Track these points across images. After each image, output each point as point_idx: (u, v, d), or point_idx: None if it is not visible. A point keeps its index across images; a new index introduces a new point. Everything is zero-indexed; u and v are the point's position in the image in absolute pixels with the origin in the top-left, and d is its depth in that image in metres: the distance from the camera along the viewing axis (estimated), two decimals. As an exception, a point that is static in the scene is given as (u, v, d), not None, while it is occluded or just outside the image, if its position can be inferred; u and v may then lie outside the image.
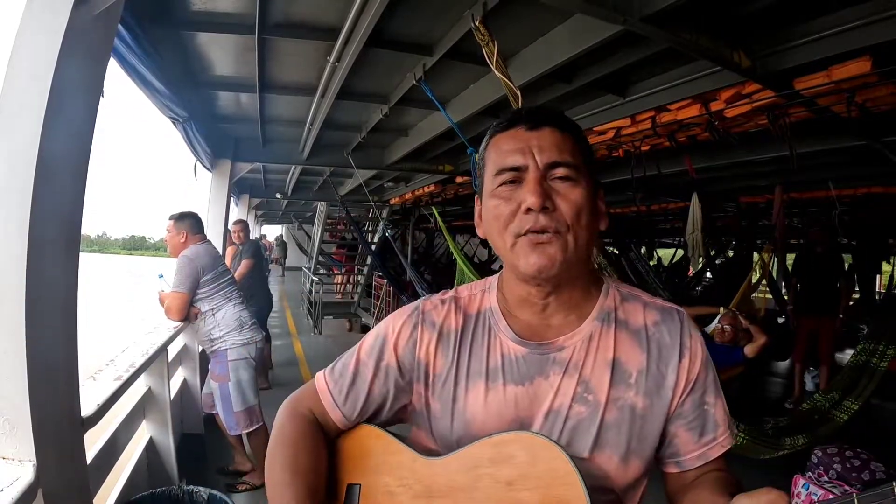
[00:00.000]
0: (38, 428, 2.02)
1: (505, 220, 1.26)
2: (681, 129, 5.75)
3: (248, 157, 8.61)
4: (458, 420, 1.34)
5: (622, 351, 1.33)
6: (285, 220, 31.49)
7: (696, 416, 1.33)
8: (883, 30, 3.34)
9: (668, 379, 1.32)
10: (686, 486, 1.34)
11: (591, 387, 1.30)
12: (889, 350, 5.90)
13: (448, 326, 1.43)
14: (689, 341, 1.35)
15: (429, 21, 4.18)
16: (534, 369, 1.33)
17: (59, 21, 1.97)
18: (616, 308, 1.39)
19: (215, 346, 5.03)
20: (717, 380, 1.38)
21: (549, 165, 1.26)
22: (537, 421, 1.30)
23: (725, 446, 1.35)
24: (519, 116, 1.33)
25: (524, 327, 1.38)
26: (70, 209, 2.28)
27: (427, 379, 1.41)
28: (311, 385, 1.52)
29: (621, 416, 1.29)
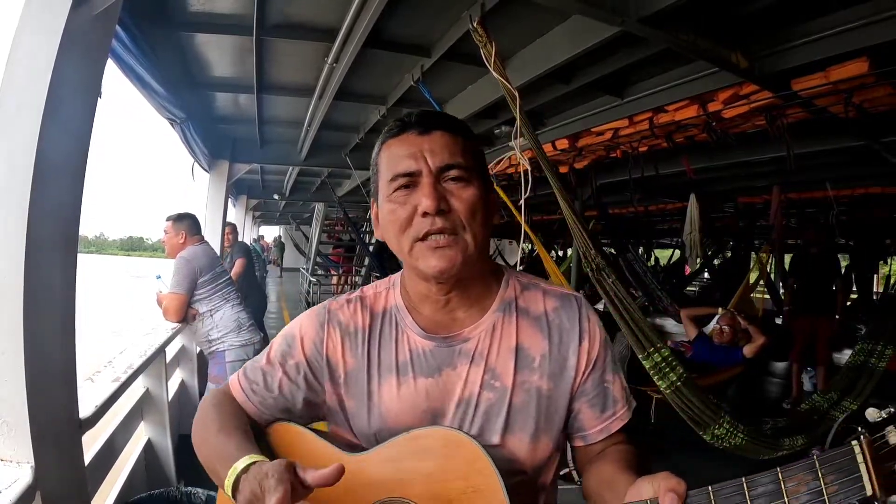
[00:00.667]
0: (37, 429, 2.01)
1: (402, 225, 1.30)
2: (678, 129, 5.76)
3: (245, 158, 8.62)
4: (374, 415, 1.39)
5: (524, 337, 1.41)
6: (283, 221, 31.48)
7: (596, 393, 1.42)
8: (880, 31, 3.35)
9: (569, 361, 1.40)
10: (593, 459, 1.43)
11: (497, 374, 1.37)
12: (888, 350, 5.90)
13: (355, 325, 1.47)
14: (587, 325, 1.43)
15: (427, 22, 4.19)
16: (442, 361, 1.39)
17: (58, 21, 1.96)
18: (517, 297, 1.46)
19: (213, 348, 5.03)
20: (614, 359, 1.48)
21: (442, 168, 1.30)
22: (449, 410, 1.37)
23: (624, 420, 1.44)
24: (409, 122, 1.36)
25: (429, 322, 1.43)
26: (68, 210, 2.27)
27: (337, 377, 1.45)
28: (226, 386, 1.55)
29: (528, 399, 1.37)
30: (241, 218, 16.18)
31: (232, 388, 1.51)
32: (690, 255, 8.38)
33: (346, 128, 7.55)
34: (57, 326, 2.24)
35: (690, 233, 7.86)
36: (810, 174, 7.76)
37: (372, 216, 1.48)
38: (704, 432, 4.47)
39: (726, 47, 3.78)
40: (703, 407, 4.42)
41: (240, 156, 8.49)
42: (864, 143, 5.18)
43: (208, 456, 1.34)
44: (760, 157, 6.43)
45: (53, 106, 1.98)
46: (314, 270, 17.67)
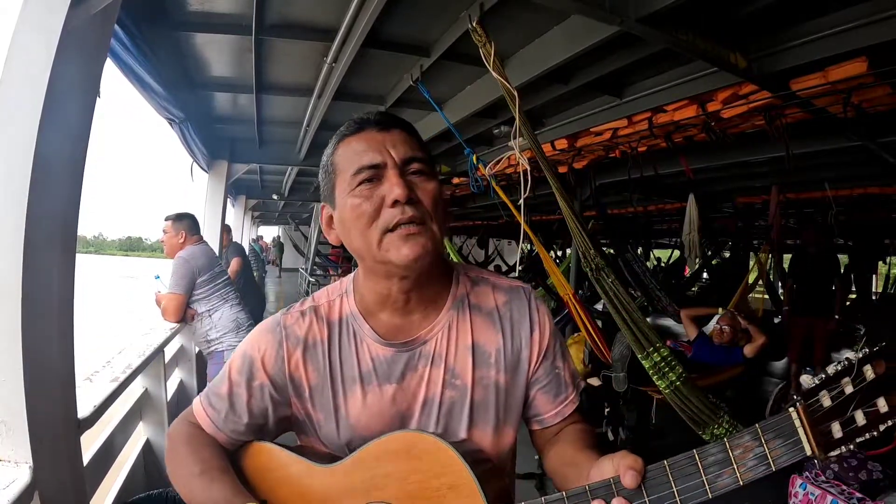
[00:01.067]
0: (35, 430, 2.01)
1: (369, 218, 1.30)
2: (677, 129, 5.76)
3: (244, 158, 8.62)
4: (342, 425, 1.42)
5: (479, 334, 1.45)
6: (282, 221, 31.47)
7: (549, 380, 1.49)
8: (879, 31, 3.35)
9: (523, 353, 1.47)
10: (550, 440, 1.51)
11: (456, 373, 1.42)
12: (886, 350, 5.90)
13: (313, 338, 1.47)
14: (537, 315, 1.49)
15: (426, 22, 4.18)
16: (403, 366, 1.42)
17: (56, 21, 1.96)
18: (468, 294, 1.50)
19: (212, 348, 5.03)
20: (563, 345, 1.54)
21: (406, 160, 1.33)
22: (415, 412, 1.41)
23: (576, 402, 1.52)
24: (368, 120, 1.38)
25: (387, 328, 1.45)
26: (66, 210, 2.27)
27: (302, 391, 1.46)
28: (189, 412, 1.55)
29: (487, 394, 1.43)
30: (240, 218, 16.17)
31: (199, 420, 1.50)
32: (689, 256, 8.38)
33: (345, 127, 7.50)
34: (55, 326, 2.24)
35: (689, 233, 7.86)
36: (809, 174, 7.76)
37: (322, 222, 1.49)
38: (704, 432, 4.47)
39: (725, 47, 3.78)
40: (703, 407, 4.43)
41: (239, 156, 8.49)
42: (862, 144, 5.18)
43: (192, 494, 1.35)
44: (759, 158, 6.43)
45: (51, 105, 1.98)
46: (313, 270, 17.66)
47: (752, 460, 1.04)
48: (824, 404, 1.01)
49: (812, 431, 1.01)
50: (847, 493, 4.11)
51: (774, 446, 1.03)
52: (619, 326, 4.31)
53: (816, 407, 1.02)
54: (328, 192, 1.42)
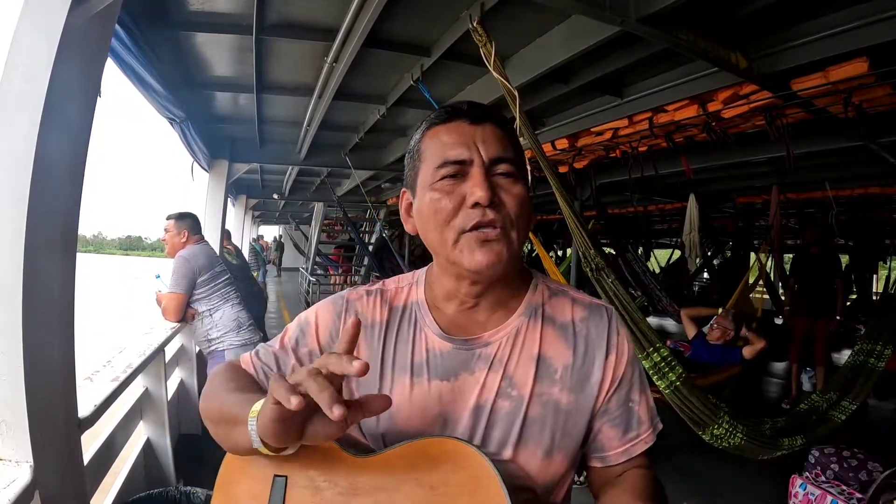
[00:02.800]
0: (35, 429, 2.01)
1: (447, 215, 1.23)
2: (678, 129, 5.76)
3: (245, 158, 8.61)
4: (383, 414, 1.25)
5: (548, 346, 1.33)
6: (283, 220, 31.46)
7: (620, 413, 1.34)
8: (880, 31, 3.35)
9: (593, 375, 1.32)
10: (608, 483, 1.35)
11: (515, 382, 1.29)
12: (886, 350, 5.90)
13: (373, 318, 1.41)
14: (615, 338, 1.35)
15: (426, 22, 4.19)
16: (459, 365, 1.32)
17: (56, 21, 1.96)
18: (544, 303, 1.39)
19: (213, 347, 5.02)
20: (643, 377, 1.39)
21: (494, 160, 1.24)
22: (462, 416, 1.29)
23: (648, 443, 1.37)
24: (461, 110, 1.31)
25: (450, 322, 1.37)
26: (67, 209, 2.27)
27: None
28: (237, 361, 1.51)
29: (545, 412, 1.29)
30: (241, 217, 16.18)
31: (244, 366, 1.47)
32: (690, 256, 8.38)
33: (345, 127, 7.56)
34: (56, 326, 2.24)
35: (690, 233, 7.86)
36: (809, 174, 7.78)
37: (401, 208, 1.41)
38: (703, 432, 4.47)
39: (726, 47, 3.78)
40: (702, 407, 4.43)
41: (239, 155, 8.49)
42: (862, 144, 5.18)
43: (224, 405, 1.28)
44: (760, 157, 6.44)
45: (52, 105, 1.98)
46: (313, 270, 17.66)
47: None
48: None
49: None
50: (847, 494, 4.11)
51: None
52: (620, 326, 4.30)
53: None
54: (411, 179, 1.35)
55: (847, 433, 5.58)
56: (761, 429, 5.03)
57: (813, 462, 4.62)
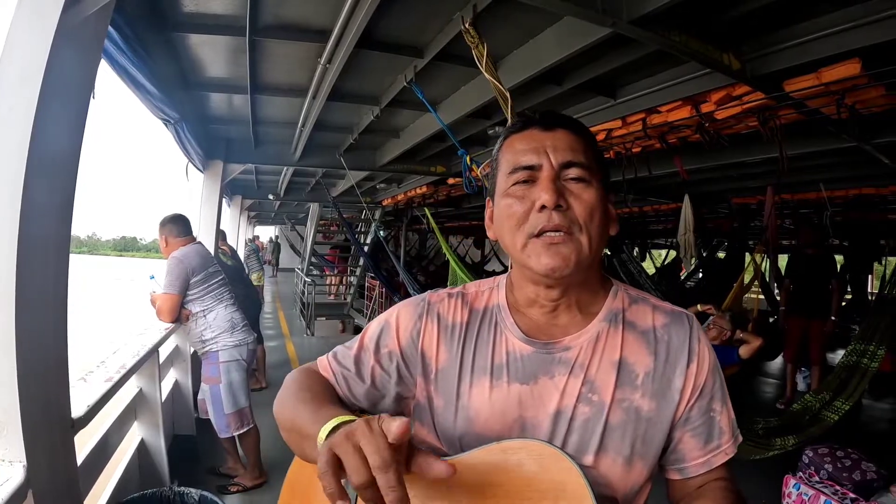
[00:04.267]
0: (29, 429, 2.02)
1: (518, 220, 1.26)
2: (671, 130, 5.76)
3: (239, 159, 8.60)
4: (461, 416, 1.33)
5: (629, 352, 1.32)
6: (278, 221, 31.40)
7: (702, 422, 1.32)
8: (872, 32, 3.36)
9: (674, 382, 1.31)
10: (689, 495, 1.34)
11: (595, 387, 1.28)
12: (880, 350, 5.92)
13: (454, 320, 1.42)
14: (697, 346, 1.34)
15: (419, 23, 4.19)
16: (539, 368, 1.31)
17: (50, 22, 1.97)
18: (624, 309, 1.38)
19: (207, 348, 5.03)
20: (724, 387, 1.37)
21: (563, 165, 1.26)
22: (542, 421, 1.28)
23: (729, 454, 1.34)
24: (533, 118, 1.34)
25: (531, 326, 1.37)
26: (60, 210, 2.28)
27: (429, 372, 1.40)
28: (312, 363, 1.51)
29: (626, 418, 1.27)
30: (236, 218, 16.15)
31: (321, 369, 1.48)
32: (685, 256, 8.39)
33: (339, 128, 7.56)
34: (49, 326, 2.25)
35: (685, 233, 7.87)
36: (804, 175, 7.79)
37: (486, 217, 1.44)
38: (698, 432, 4.48)
39: (718, 48, 3.79)
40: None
41: (234, 156, 8.48)
42: (856, 145, 5.20)
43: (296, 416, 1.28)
44: (754, 158, 6.45)
45: (46, 106, 1.99)
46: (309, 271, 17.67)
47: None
48: None
49: None
50: (841, 494, 4.12)
51: None
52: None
53: None
54: (491, 186, 1.39)
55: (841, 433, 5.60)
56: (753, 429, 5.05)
57: (807, 462, 4.64)
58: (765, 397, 9.17)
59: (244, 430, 5.05)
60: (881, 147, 5.30)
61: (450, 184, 10.89)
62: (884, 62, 3.70)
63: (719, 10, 3.63)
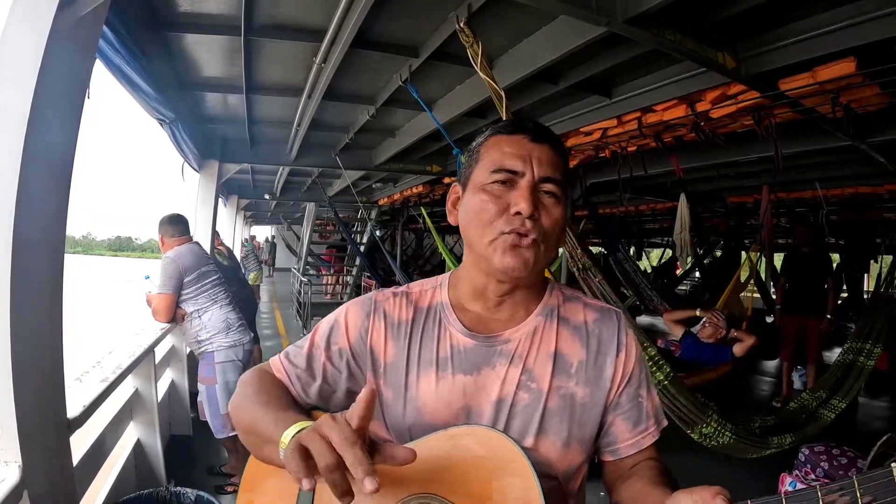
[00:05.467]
0: (24, 430, 2.02)
1: (490, 217, 1.33)
2: (667, 129, 5.77)
3: (235, 158, 8.60)
4: (410, 407, 1.41)
5: (563, 344, 1.44)
6: (274, 220, 31.37)
7: (630, 406, 1.45)
8: (867, 31, 3.37)
9: (606, 371, 1.43)
10: (623, 475, 1.44)
11: (534, 376, 1.40)
12: (876, 349, 5.94)
13: (399, 317, 1.49)
14: (625, 338, 1.47)
15: (414, 22, 4.19)
16: (481, 360, 1.41)
17: (44, 22, 1.97)
18: (559, 306, 1.50)
19: (203, 348, 5.02)
20: (648, 375, 1.51)
21: (543, 179, 1.34)
22: (485, 408, 1.38)
23: (655, 436, 1.47)
24: (524, 126, 1.40)
25: (473, 320, 1.47)
26: (55, 210, 2.28)
27: (378, 367, 1.47)
28: (265, 363, 1.56)
29: (563, 404, 1.40)
30: (233, 218, 16.13)
31: (275, 370, 1.52)
32: (681, 255, 8.40)
33: (335, 128, 7.55)
34: (44, 327, 2.24)
35: (681, 232, 7.88)
36: (799, 174, 7.80)
37: (449, 200, 1.52)
38: (692, 431, 4.49)
39: (713, 47, 3.79)
40: (691, 406, 4.45)
41: (230, 156, 8.47)
42: (851, 143, 5.20)
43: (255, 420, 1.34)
44: (750, 157, 6.46)
45: (40, 106, 1.98)
46: (305, 270, 17.65)
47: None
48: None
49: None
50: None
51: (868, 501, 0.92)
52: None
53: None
54: (465, 176, 1.45)
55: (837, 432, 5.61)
56: (750, 427, 5.06)
57: (803, 460, 4.64)
58: (761, 396, 9.18)
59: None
60: (876, 146, 5.32)
61: (445, 183, 10.88)
62: (879, 61, 3.70)
63: (714, 9, 3.63)
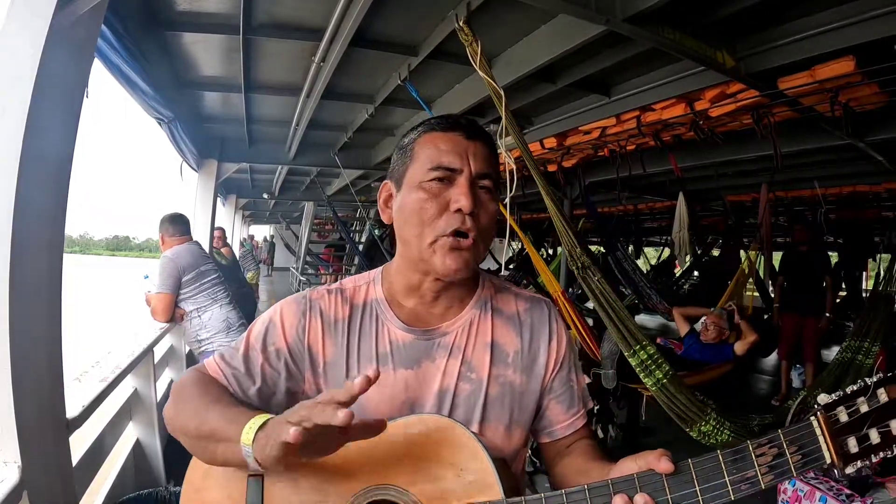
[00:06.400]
0: (23, 430, 2.01)
1: (430, 217, 1.34)
2: (666, 128, 5.77)
3: (234, 158, 8.59)
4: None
5: (499, 335, 1.50)
6: (273, 220, 31.37)
7: (563, 390, 1.52)
8: (865, 30, 3.37)
9: (540, 358, 1.50)
10: (560, 454, 1.52)
11: (473, 366, 1.45)
12: (874, 347, 5.94)
13: (336, 315, 1.49)
14: (555, 325, 1.55)
15: (413, 21, 4.19)
16: (421, 353, 1.45)
17: (42, 22, 1.96)
18: (492, 297, 1.55)
19: (203, 348, 5.02)
20: (577, 362, 1.58)
21: (480, 175, 1.37)
22: (428, 400, 1.42)
23: (585, 418, 1.55)
24: (459, 123, 1.42)
25: (410, 315, 1.49)
26: (53, 209, 2.27)
27: (316, 366, 1.47)
28: (199, 366, 1.52)
29: (503, 391, 1.45)
30: (231, 217, 16.12)
31: (211, 371, 1.48)
32: (679, 254, 8.40)
33: (333, 127, 7.54)
34: (43, 326, 2.24)
35: (679, 231, 7.88)
36: (798, 172, 7.80)
37: (380, 199, 1.51)
38: (691, 429, 4.49)
39: (712, 46, 3.79)
40: (690, 404, 4.44)
41: (228, 155, 8.46)
42: (850, 142, 5.20)
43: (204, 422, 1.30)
44: (748, 156, 6.45)
45: (39, 105, 1.98)
46: (304, 269, 17.64)
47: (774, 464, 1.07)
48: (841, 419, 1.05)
49: (832, 442, 1.05)
50: (836, 490, 4.12)
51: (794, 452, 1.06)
52: (606, 325, 4.32)
53: (834, 420, 1.06)
54: (398, 174, 1.45)
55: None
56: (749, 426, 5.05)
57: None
58: (760, 394, 9.18)
59: (239, 430, 5.03)
60: (874, 144, 5.32)
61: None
62: (877, 60, 3.71)
63: (713, 7, 3.63)
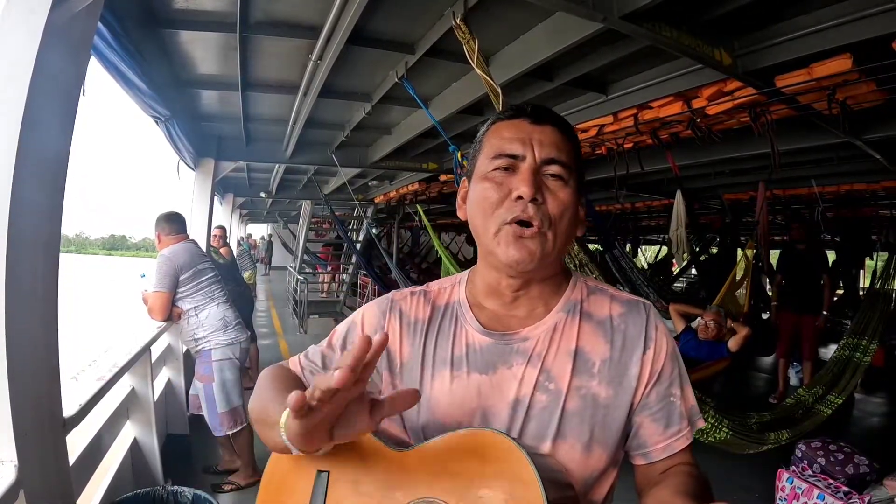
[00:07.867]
0: (19, 428, 2.01)
1: (493, 205, 1.28)
2: (663, 126, 5.77)
3: (231, 156, 8.57)
4: (423, 406, 1.36)
5: (585, 341, 1.35)
6: (270, 219, 31.42)
7: (661, 407, 1.34)
8: (863, 28, 3.37)
9: (631, 370, 1.33)
10: (652, 481, 1.34)
11: (552, 376, 1.32)
12: (872, 345, 5.95)
13: (416, 316, 1.46)
14: (654, 333, 1.36)
15: (410, 19, 4.19)
16: (498, 358, 1.35)
17: (38, 19, 1.96)
18: (582, 300, 1.41)
19: (199, 347, 5.02)
20: (683, 373, 1.40)
21: (546, 161, 1.28)
22: (501, 411, 1.32)
23: (689, 439, 1.36)
24: (524, 109, 1.36)
25: (490, 318, 1.41)
26: (49, 208, 2.27)
27: (394, 366, 1.44)
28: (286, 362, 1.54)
29: (583, 405, 1.30)
30: (228, 216, 16.11)
31: (291, 366, 1.51)
32: (677, 252, 8.40)
33: (331, 125, 7.55)
34: (39, 325, 2.24)
35: (677, 229, 7.88)
36: (795, 171, 7.81)
37: (459, 195, 1.48)
38: (689, 427, 4.48)
39: (709, 44, 3.79)
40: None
41: (225, 153, 8.44)
42: (847, 140, 5.20)
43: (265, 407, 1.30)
44: (746, 154, 6.45)
45: (35, 104, 1.97)
46: (302, 268, 17.64)
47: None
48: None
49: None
50: (834, 488, 4.13)
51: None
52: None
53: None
54: (470, 168, 1.41)
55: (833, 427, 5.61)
56: (747, 423, 5.06)
57: (800, 456, 4.65)
58: (757, 392, 9.20)
59: (238, 429, 5.03)
60: (872, 143, 5.32)
61: (441, 180, 10.89)
62: (875, 57, 3.70)
63: (710, 5, 3.63)
